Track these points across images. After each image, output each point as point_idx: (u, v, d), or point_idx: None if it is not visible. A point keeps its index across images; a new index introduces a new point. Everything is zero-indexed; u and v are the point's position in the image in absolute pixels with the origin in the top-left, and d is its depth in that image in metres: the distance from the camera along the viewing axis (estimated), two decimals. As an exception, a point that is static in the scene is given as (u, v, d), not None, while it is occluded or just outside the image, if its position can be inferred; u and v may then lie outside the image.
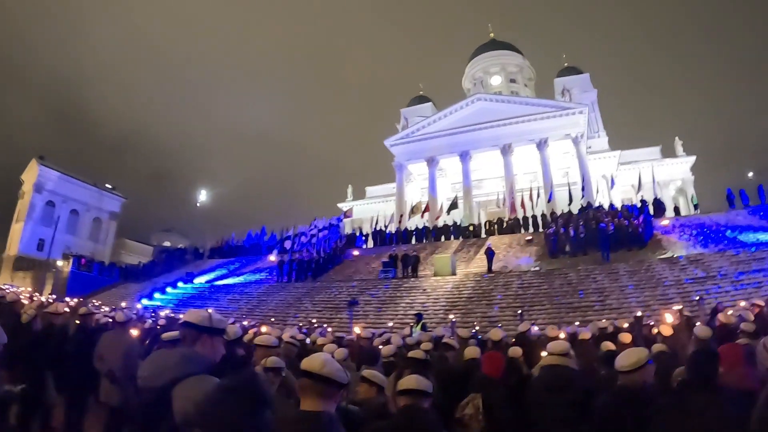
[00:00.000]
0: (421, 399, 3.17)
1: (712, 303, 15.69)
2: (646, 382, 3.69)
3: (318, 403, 2.32)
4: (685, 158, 53.87)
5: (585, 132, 47.96)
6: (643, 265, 23.47)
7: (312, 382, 2.32)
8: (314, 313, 22.90)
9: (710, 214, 32.33)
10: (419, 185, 51.98)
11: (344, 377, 2.38)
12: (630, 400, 3.57)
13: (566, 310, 19.74)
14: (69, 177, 60.81)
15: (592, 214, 30.89)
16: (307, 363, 2.36)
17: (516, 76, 67.47)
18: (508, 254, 28.83)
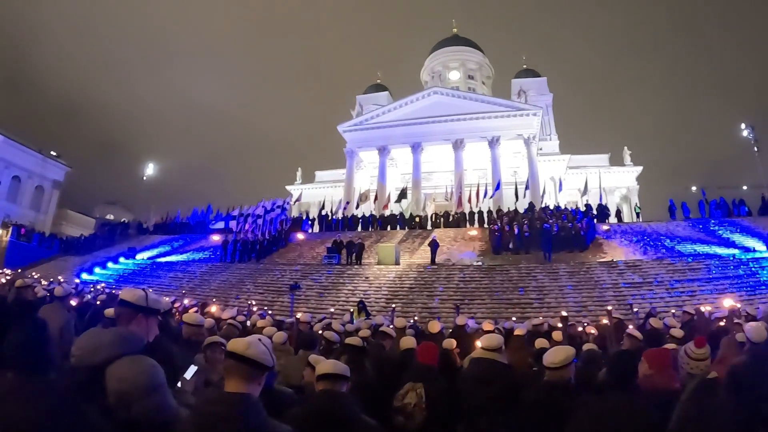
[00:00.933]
0: (338, 383, 3.10)
1: (646, 308, 16.29)
2: (570, 378, 3.83)
3: (242, 385, 2.26)
4: (632, 168, 55.57)
5: (537, 134, 48.78)
6: (583, 267, 24.07)
7: (237, 364, 2.27)
8: (256, 296, 22.55)
9: (651, 223, 33.29)
10: (369, 173, 51.72)
11: (269, 360, 2.34)
12: (554, 395, 3.68)
13: (505, 305, 19.98)
14: (13, 141, 57.22)
15: (538, 214, 31.42)
16: (233, 344, 2.32)
17: (475, 73, 67.79)
18: (452, 248, 28.91)
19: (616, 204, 50.92)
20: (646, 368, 3.77)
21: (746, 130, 42.20)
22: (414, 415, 4.03)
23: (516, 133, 46.77)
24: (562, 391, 3.73)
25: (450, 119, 46.93)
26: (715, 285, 21.23)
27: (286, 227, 35.23)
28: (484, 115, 47.06)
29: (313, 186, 60.58)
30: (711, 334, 7.18)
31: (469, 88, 62.06)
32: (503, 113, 47.30)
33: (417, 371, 4.49)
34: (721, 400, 3.34)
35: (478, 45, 71.04)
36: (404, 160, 49.40)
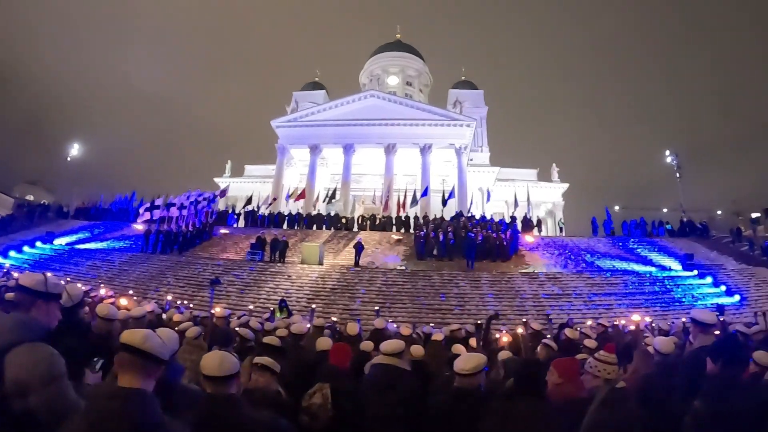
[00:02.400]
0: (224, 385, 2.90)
1: (564, 318, 16.57)
2: (480, 385, 3.87)
3: (136, 380, 2.16)
4: (559, 184, 57.68)
5: (469, 145, 49.66)
6: (505, 276, 24.54)
7: (131, 357, 2.17)
8: (177, 289, 21.76)
9: (574, 238, 34.34)
10: (299, 171, 51.20)
11: (165, 354, 2.28)
12: (463, 401, 3.71)
13: (426, 311, 20.13)
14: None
15: (463, 222, 31.62)
16: (128, 336, 2.22)
17: (413, 80, 68.33)
18: (376, 251, 28.90)
19: (542, 218, 52.52)
20: (555, 377, 3.85)
21: (670, 157, 44.53)
22: (319, 415, 3.99)
23: (448, 142, 47.44)
24: (471, 397, 3.73)
25: (384, 123, 46.99)
26: (631, 300, 22.17)
27: (211, 220, 34.28)
28: (418, 122, 47.47)
29: (241, 180, 59.34)
30: (624, 345, 7.37)
31: (406, 94, 62.33)
32: (437, 122, 47.89)
33: (326, 372, 4.47)
34: (631, 408, 3.47)
35: (420, 53, 71.73)
36: (335, 160, 49.15)
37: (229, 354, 3.00)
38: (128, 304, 9.50)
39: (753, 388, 4.16)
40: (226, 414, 2.79)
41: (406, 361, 4.71)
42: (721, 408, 3.58)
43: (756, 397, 3.87)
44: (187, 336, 5.83)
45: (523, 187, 49.82)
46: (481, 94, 63.90)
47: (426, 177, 44.94)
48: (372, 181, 47.80)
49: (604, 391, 3.55)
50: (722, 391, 3.67)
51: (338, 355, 4.79)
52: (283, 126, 50.10)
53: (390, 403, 4.09)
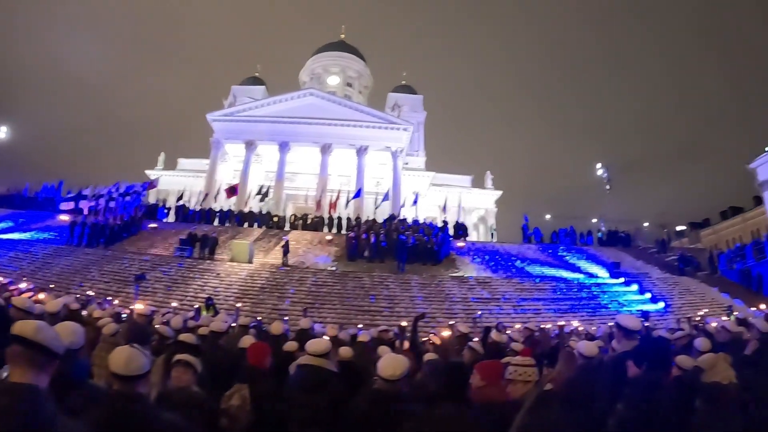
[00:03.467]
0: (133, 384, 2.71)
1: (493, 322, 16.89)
2: (401, 388, 3.81)
3: (27, 374, 2.04)
4: (492, 191, 58.75)
5: (405, 149, 50.18)
6: (435, 279, 24.98)
7: (22, 350, 2.05)
8: (101, 284, 21.01)
9: (505, 244, 35.22)
10: (233, 167, 50.39)
11: (59, 347, 2.15)
12: (382, 405, 3.66)
13: (356, 312, 20.29)
14: None
15: (395, 225, 31.97)
16: (19, 327, 2.09)
17: (354, 81, 68.08)
18: (307, 251, 28.83)
19: (474, 224, 53.55)
20: (478, 380, 3.84)
21: (601, 170, 46.37)
22: (238, 417, 3.90)
23: (385, 144, 47.83)
24: (391, 401, 3.70)
25: (322, 123, 46.81)
26: (559, 305, 22.83)
27: (140, 213, 33.07)
28: (356, 123, 47.59)
29: (174, 173, 57.25)
30: (551, 349, 7.67)
31: (346, 95, 61.98)
32: (375, 124, 48.18)
33: (246, 373, 4.38)
34: (556, 411, 3.46)
35: (363, 55, 71.55)
36: (270, 157, 48.37)
37: (139, 351, 2.81)
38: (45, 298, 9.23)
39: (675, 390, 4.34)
40: (130, 414, 2.63)
41: (333, 362, 4.69)
42: (644, 410, 3.73)
43: (677, 399, 4.12)
44: (103, 333, 5.72)
45: (456, 193, 50.82)
46: (420, 99, 64.74)
47: (360, 178, 45.17)
48: (306, 181, 47.48)
49: (534, 395, 3.48)
50: (644, 394, 3.80)
51: (257, 355, 4.67)
52: (219, 120, 48.98)
53: (317, 405, 4.02)
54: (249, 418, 3.90)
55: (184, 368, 3.64)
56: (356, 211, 39.53)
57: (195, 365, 3.69)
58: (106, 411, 2.63)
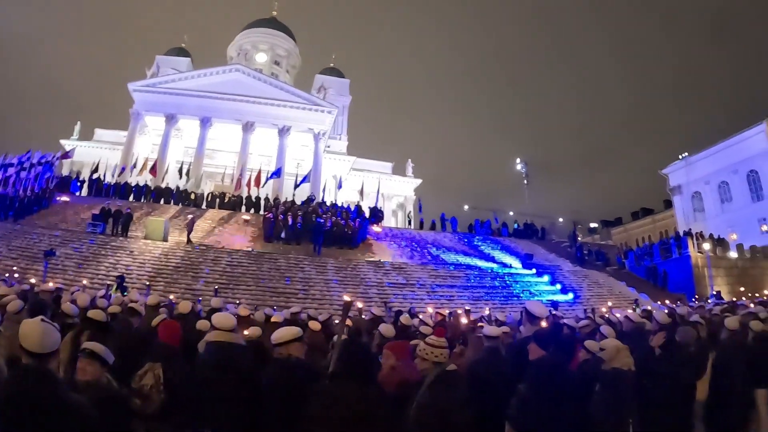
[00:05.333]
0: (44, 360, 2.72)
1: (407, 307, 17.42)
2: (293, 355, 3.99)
3: None
4: (413, 179, 59.87)
5: (328, 132, 50.40)
6: (351, 263, 25.44)
7: None
8: (8, 260, 19.88)
9: (422, 232, 36.13)
10: (152, 140, 48.66)
11: None
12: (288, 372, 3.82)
13: (270, 294, 20.27)
14: None
15: (313, 208, 32.04)
16: None
17: (282, 60, 66.86)
18: (223, 230, 28.69)
19: (393, 210, 54.51)
20: (389, 360, 4.11)
21: (520, 165, 48.50)
22: (151, 397, 3.84)
23: (308, 126, 47.98)
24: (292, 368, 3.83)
25: (246, 100, 46.36)
26: (472, 292, 23.53)
27: (51, 185, 31.65)
28: (280, 103, 47.39)
29: (90, 144, 54.21)
30: (461, 333, 8.04)
31: (272, 73, 60.96)
32: (300, 105, 48.13)
33: (157, 351, 4.28)
34: (460, 390, 3.71)
35: (293, 34, 70.18)
36: (191, 132, 47.12)
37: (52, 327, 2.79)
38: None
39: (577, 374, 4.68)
40: (40, 391, 2.60)
41: (240, 338, 4.62)
42: (545, 392, 3.89)
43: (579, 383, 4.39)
44: (8, 310, 5.69)
45: (377, 179, 51.61)
46: (346, 84, 64.76)
47: (281, 159, 45.04)
48: (226, 158, 46.92)
49: (435, 373, 3.71)
50: (545, 376, 3.95)
51: (167, 333, 4.54)
52: (140, 90, 46.92)
53: (226, 381, 3.93)
54: (161, 398, 3.83)
55: (89, 359, 3.39)
56: (275, 192, 39.50)
57: (103, 356, 3.42)
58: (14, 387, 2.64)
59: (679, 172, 64.09)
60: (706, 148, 61.59)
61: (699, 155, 61.95)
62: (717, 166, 59.33)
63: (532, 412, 3.86)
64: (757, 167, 55.61)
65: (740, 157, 56.98)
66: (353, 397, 3.16)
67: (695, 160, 61.99)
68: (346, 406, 3.11)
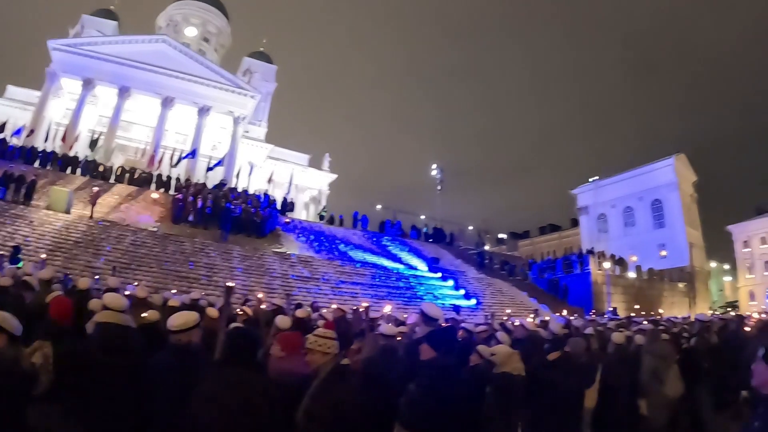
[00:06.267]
0: None
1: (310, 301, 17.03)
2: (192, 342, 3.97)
3: None
4: (328, 174, 60.21)
5: (249, 117, 50.18)
6: (257, 252, 25.29)
7: None
8: None
9: (332, 227, 36.46)
10: (66, 104, 45.93)
11: None
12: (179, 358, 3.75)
13: (173, 277, 19.92)
14: None
15: (224, 192, 31.94)
16: None
17: (212, 37, 65.07)
18: (130, 207, 27.84)
19: (305, 203, 54.58)
20: (277, 350, 4.13)
21: (436, 171, 50.23)
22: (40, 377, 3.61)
23: (229, 109, 47.55)
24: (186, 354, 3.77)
25: (168, 74, 45.17)
26: (376, 291, 23.78)
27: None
28: (204, 81, 46.59)
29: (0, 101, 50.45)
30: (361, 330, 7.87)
31: (200, 50, 59.41)
32: (223, 86, 47.53)
33: (48, 329, 4.10)
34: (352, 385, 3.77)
35: (227, 12, 68.16)
36: (107, 101, 44.92)
37: None
38: None
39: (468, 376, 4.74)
40: None
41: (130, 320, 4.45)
42: (433, 392, 3.90)
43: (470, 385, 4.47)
44: None
45: (292, 170, 51.96)
46: (273, 70, 63.86)
47: (198, 139, 44.41)
48: (141, 133, 45.75)
49: (329, 367, 3.71)
50: (435, 377, 3.97)
51: (59, 310, 4.45)
52: (59, 49, 44.09)
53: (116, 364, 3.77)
54: (50, 378, 3.61)
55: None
56: (187, 173, 38.69)
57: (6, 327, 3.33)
58: None
59: (587, 193, 68.70)
60: (615, 174, 66.44)
61: (608, 180, 66.79)
62: (624, 192, 64.40)
63: (421, 412, 3.93)
64: (661, 197, 60.93)
65: (647, 186, 62.18)
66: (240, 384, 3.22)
67: (604, 184, 66.74)
68: (231, 394, 3.15)
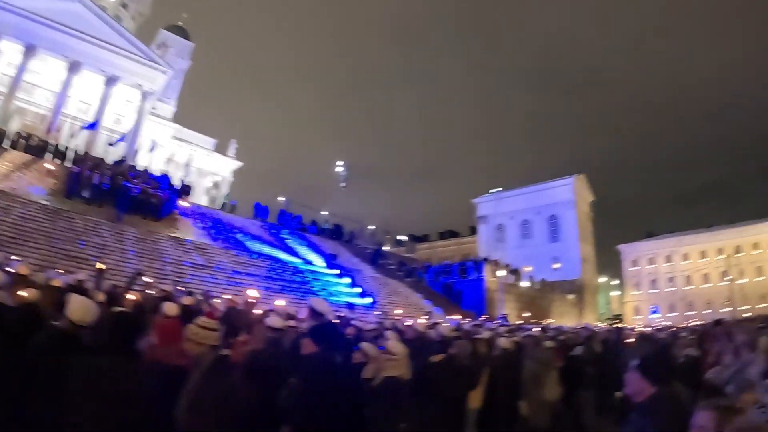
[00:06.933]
0: None
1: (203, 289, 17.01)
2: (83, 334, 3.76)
3: None
4: (233, 161, 58.84)
5: (158, 93, 48.48)
6: (152, 236, 24.33)
7: None
8: None
9: (231, 215, 36.06)
10: (-36, 58, 42.27)
11: None
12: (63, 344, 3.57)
13: (61, 256, 18.81)
14: None
15: (124, 169, 30.84)
16: None
17: (130, 4, 60.53)
18: (22, 177, 26.23)
19: (207, 188, 53.19)
20: (153, 338, 4.14)
21: (341, 168, 50.76)
22: None
23: (138, 81, 45.69)
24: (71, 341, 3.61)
25: (80, 37, 42.39)
26: (271, 284, 23.41)
27: None
28: (116, 49, 44.36)
29: None
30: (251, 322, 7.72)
31: (117, 15, 55.31)
32: (135, 57, 45.60)
33: None
34: (234, 377, 3.76)
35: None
36: (10, 59, 41.58)
37: None
38: None
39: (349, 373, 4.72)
40: None
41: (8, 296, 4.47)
42: (312, 387, 3.93)
43: (348, 380, 4.48)
44: None
45: (197, 153, 51.24)
46: (190, 47, 61.99)
47: (102, 110, 42.41)
48: (42, 97, 42.91)
49: (209, 358, 3.66)
50: (315, 372, 4.00)
51: None
52: None
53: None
54: None
55: None
56: (87, 146, 37.10)
57: None
58: None
59: (488, 203, 72.41)
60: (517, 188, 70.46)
61: (509, 192, 70.99)
62: (524, 206, 68.84)
63: (301, 407, 3.93)
64: (559, 213, 65.69)
65: (546, 202, 66.89)
66: (116, 371, 3.13)
67: (505, 196, 70.69)
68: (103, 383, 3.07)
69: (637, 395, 2.74)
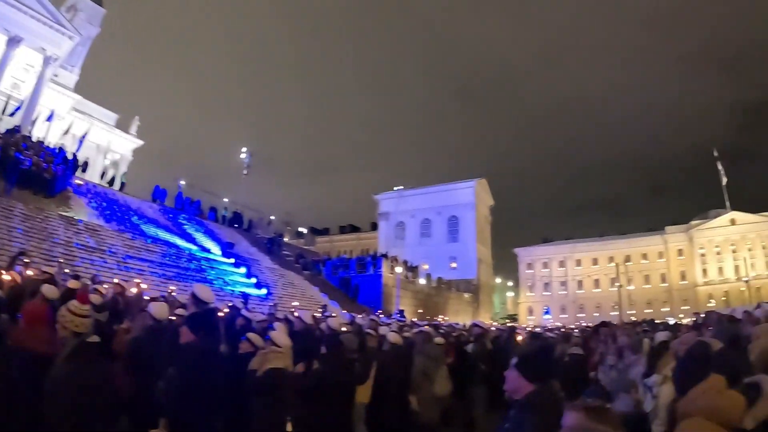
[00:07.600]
0: None
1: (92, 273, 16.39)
2: None
3: None
4: (135, 139, 55.96)
5: (62, 59, 45.58)
6: (42, 213, 22.93)
7: None
8: None
9: (127, 196, 34.40)
10: None
11: None
12: None
13: None
14: None
15: (16, 139, 28.98)
16: None
17: None
18: None
19: (105, 165, 49.98)
20: (21, 322, 4.05)
21: (245, 155, 49.81)
22: None
23: (42, 45, 42.27)
24: None
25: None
26: (165, 270, 23.24)
27: None
28: (21, 7, 40.64)
29: None
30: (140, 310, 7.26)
31: None
32: (41, 18, 42.01)
33: None
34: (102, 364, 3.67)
35: None
36: None
37: None
38: None
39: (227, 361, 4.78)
40: None
41: None
42: (189, 376, 3.81)
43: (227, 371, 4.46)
44: None
45: (96, 127, 48.32)
46: (101, 13, 57.66)
47: (1, 73, 39.17)
48: None
49: (72, 345, 3.56)
50: (191, 361, 3.88)
51: None
52: None
53: None
54: None
55: None
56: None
57: None
58: None
59: (390, 200, 73.89)
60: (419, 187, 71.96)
61: (411, 191, 72.93)
62: (425, 205, 70.81)
63: (177, 398, 3.79)
64: (459, 215, 68.15)
65: (447, 203, 69.15)
66: None
67: (407, 195, 72.61)
68: None
69: (515, 392, 2.78)
